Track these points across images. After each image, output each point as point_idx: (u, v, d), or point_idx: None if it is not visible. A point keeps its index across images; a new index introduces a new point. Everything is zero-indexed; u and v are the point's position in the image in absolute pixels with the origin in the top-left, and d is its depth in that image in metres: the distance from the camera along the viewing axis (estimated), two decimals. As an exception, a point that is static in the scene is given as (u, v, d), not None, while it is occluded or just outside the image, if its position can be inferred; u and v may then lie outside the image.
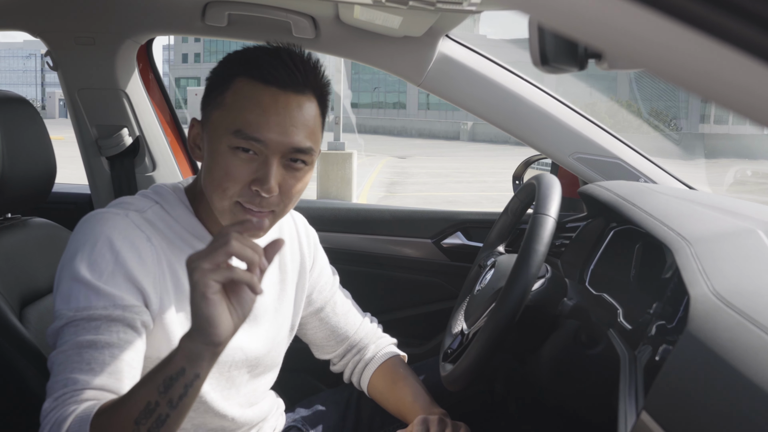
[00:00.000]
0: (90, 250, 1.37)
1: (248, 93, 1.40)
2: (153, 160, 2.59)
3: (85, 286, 1.33)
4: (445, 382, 1.67)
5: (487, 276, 1.77)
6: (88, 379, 1.27)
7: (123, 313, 1.34)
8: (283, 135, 1.38)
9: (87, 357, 1.29)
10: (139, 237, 1.42)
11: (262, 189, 1.38)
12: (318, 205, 2.65)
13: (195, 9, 2.21)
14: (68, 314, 1.32)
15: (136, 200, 1.52)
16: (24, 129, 1.82)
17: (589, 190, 1.95)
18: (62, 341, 1.32)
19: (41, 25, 2.37)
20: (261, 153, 1.39)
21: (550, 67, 1.16)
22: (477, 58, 2.20)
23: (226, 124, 1.40)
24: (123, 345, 1.32)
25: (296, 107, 1.40)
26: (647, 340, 1.36)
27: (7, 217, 1.93)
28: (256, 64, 1.41)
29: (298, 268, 1.80)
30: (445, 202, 14.22)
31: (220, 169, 1.40)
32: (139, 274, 1.38)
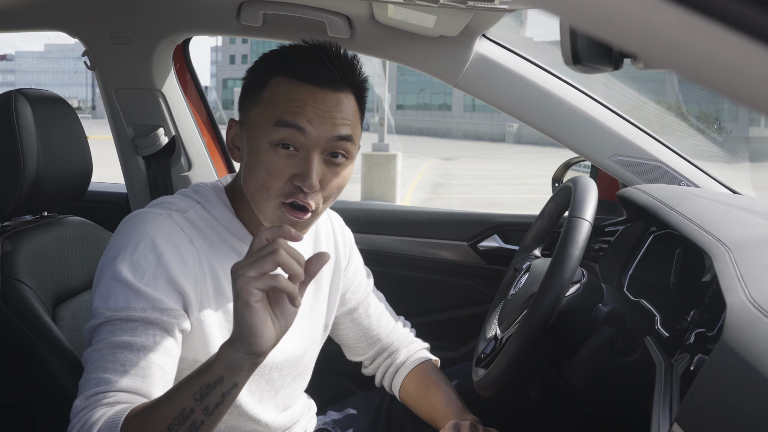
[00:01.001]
0: (132, 250, 1.37)
1: (286, 90, 1.39)
2: (189, 160, 2.59)
3: (126, 286, 1.33)
4: (477, 387, 1.65)
5: (522, 280, 1.75)
6: (120, 381, 1.27)
7: (161, 317, 1.33)
8: (323, 126, 1.38)
9: (121, 358, 1.29)
10: (181, 238, 1.41)
11: (304, 185, 1.37)
12: (354, 206, 2.63)
13: (230, 9, 2.21)
14: (106, 313, 1.32)
15: (177, 200, 1.51)
16: (60, 128, 1.84)
17: (627, 193, 1.91)
18: (98, 339, 1.32)
19: (79, 26, 2.39)
20: (302, 148, 1.38)
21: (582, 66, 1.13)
22: (515, 59, 2.17)
23: (265, 119, 1.39)
24: (158, 349, 1.32)
25: (335, 103, 1.40)
26: (685, 349, 1.33)
27: (43, 215, 1.95)
28: (293, 63, 1.41)
29: (332, 267, 1.79)
30: (489, 204, 14.16)
31: (261, 167, 1.39)
32: (180, 276, 1.38)
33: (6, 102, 1.72)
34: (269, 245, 1.15)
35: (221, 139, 2.70)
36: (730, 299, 1.08)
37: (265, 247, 1.15)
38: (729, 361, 0.95)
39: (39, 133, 1.74)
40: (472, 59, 2.15)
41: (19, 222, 1.84)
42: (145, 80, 2.44)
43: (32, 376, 1.61)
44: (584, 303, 1.55)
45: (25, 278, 1.65)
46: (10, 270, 1.64)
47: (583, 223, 1.50)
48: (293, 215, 1.41)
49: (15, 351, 1.60)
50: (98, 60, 2.44)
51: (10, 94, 1.74)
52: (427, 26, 1.96)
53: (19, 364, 1.62)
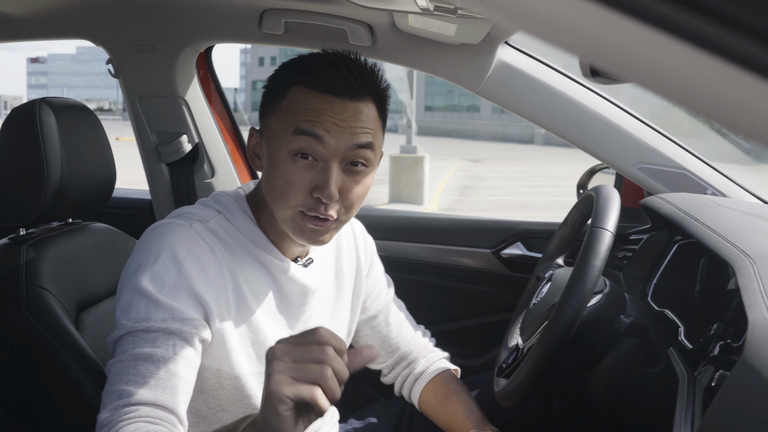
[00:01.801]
0: (153, 261, 1.37)
1: (304, 99, 1.39)
2: (212, 167, 2.60)
3: (146, 297, 1.33)
4: (498, 397, 1.64)
5: (544, 289, 1.74)
6: (143, 393, 1.27)
7: (181, 327, 1.33)
8: (341, 135, 1.37)
9: (142, 370, 1.29)
10: (203, 249, 1.41)
11: (323, 195, 1.37)
12: (376, 213, 2.63)
13: (252, 17, 2.21)
14: (127, 325, 1.32)
15: (198, 210, 1.51)
16: (83, 135, 1.85)
17: (650, 202, 1.89)
18: (120, 351, 1.32)
19: (102, 34, 2.41)
20: (320, 158, 1.38)
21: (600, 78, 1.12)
22: (537, 66, 2.16)
23: (283, 128, 1.39)
24: (178, 360, 1.32)
25: (354, 112, 1.39)
26: (708, 361, 1.31)
27: (68, 222, 1.96)
28: (312, 73, 1.40)
29: (354, 274, 1.78)
30: (517, 206, 14.11)
31: (280, 177, 1.39)
32: (201, 287, 1.38)
33: (30, 111, 1.74)
34: (319, 350, 1.05)
35: (244, 146, 2.71)
36: (752, 315, 1.06)
37: (315, 350, 1.06)
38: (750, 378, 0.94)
39: (63, 141, 1.75)
40: (494, 66, 2.14)
41: (43, 229, 1.86)
42: (169, 88, 2.46)
43: (55, 383, 1.63)
44: (607, 314, 1.54)
45: (49, 285, 1.66)
46: (34, 277, 1.66)
47: (604, 234, 1.49)
48: (313, 223, 1.40)
49: (38, 358, 1.62)
50: (122, 68, 2.45)
51: (35, 103, 1.76)
52: (448, 34, 1.95)
53: (41, 371, 1.63)
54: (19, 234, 1.78)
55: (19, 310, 1.62)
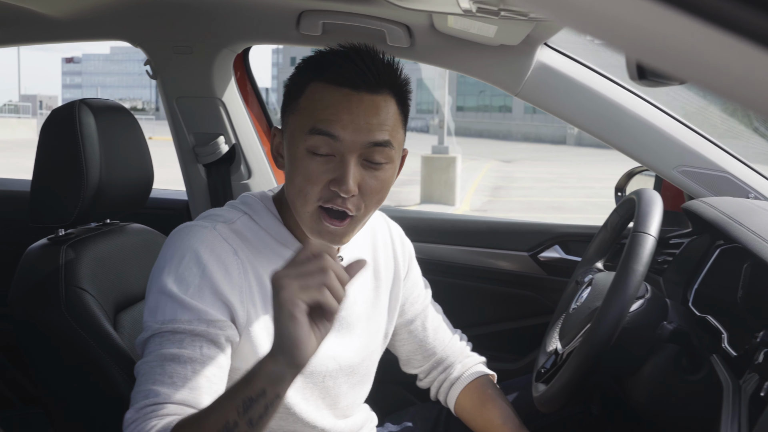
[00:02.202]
0: (177, 263, 1.38)
1: (321, 95, 1.39)
2: (249, 168, 2.61)
3: (172, 299, 1.35)
4: (537, 403, 1.63)
5: (584, 294, 1.71)
6: (170, 393, 1.28)
7: (207, 329, 1.34)
8: (358, 132, 1.37)
9: (169, 370, 1.30)
10: (225, 250, 1.42)
11: (341, 189, 1.37)
12: (413, 215, 2.62)
13: (290, 18, 2.21)
14: (154, 326, 1.34)
15: (224, 212, 1.53)
16: (122, 136, 1.86)
17: (693, 206, 1.86)
18: (147, 352, 1.34)
19: (141, 36, 2.42)
20: (337, 153, 1.38)
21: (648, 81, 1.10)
22: (577, 67, 2.13)
23: (301, 126, 1.40)
24: (205, 360, 1.33)
25: (371, 107, 1.39)
26: (754, 369, 1.29)
27: (106, 222, 1.97)
28: (328, 68, 1.40)
29: (392, 276, 1.78)
30: (549, 207, 14.03)
31: (299, 174, 1.40)
32: (225, 288, 1.39)
33: (69, 112, 1.75)
34: (317, 261, 1.15)
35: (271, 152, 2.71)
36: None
37: (313, 262, 1.14)
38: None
39: (102, 142, 1.76)
40: (533, 68, 2.13)
41: (82, 230, 1.87)
42: (206, 89, 2.46)
43: (93, 383, 1.63)
44: (648, 319, 1.52)
45: (87, 286, 1.67)
46: (73, 278, 1.67)
47: (647, 239, 1.47)
48: (330, 222, 1.41)
49: (77, 358, 1.62)
50: (160, 69, 2.46)
51: (74, 104, 1.77)
52: (487, 35, 1.94)
53: (80, 372, 1.64)
54: (57, 234, 1.79)
55: (59, 310, 1.62)
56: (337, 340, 1.60)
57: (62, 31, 2.39)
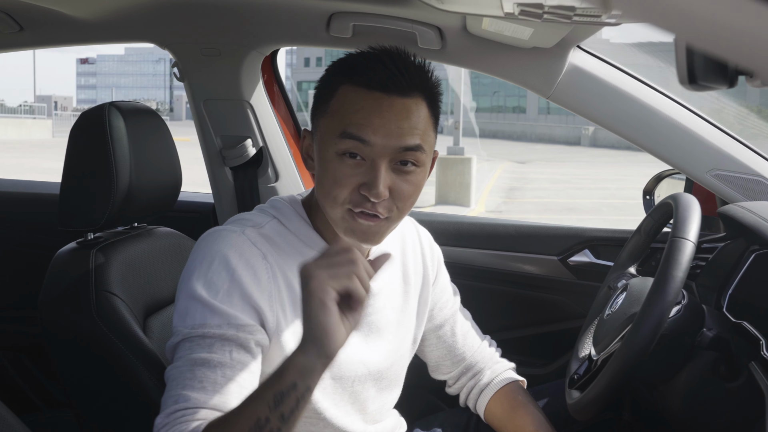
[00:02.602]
0: (207, 268, 1.38)
1: (352, 98, 1.39)
2: (276, 171, 2.60)
3: (201, 304, 1.35)
4: (572, 410, 1.61)
5: (619, 299, 1.70)
6: (200, 398, 1.28)
7: (236, 333, 1.34)
8: (389, 137, 1.36)
9: (199, 375, 1.30)
10: (254, 255, 1.42)
11: (371, 194, 1.37)
12: (441, 218, 2.61)
13: (320, 20, 2.20)
14: (184, 331, 1.34)
15: (253, 216, 1.53)
16: (151, 139, 1.86)
17: (730, 211, 1.84)
18: (177, 357, 1.34)
19: (169, 38, 2.42)
20: (368, 157, 1.38)
21: (697, 86, 1.08)
22: (609, 69, 2.12)
23: (332, 129, 1.39)
24: (235, 365, 1.33)
25: (402, 110, 1.38)
26: (795, 377, 1.27)
27: (134, 226, 1.96)
28: (359, 70, 1.40)
29: (421, 281, 1.77)
30: (564, 209, 13.99)
31: (329, 177, 1.39)
32: (254, 292, 1.39)
33: (99, 115, 1.75)
34: (346, 253, 1.17)
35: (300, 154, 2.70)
36: None
37: (342, 253, 1.17)
38: None
39: (131, 145, 1.76)
40: (565, 71, 2.11)
41: (110, 233, 1.86)
42: (234, 91, 2.46)
43: (123, 387, 1.63)
44: (685, 326, 1.50)
45: (117, 290, 1.67)
46: (103, 282, 1.66)
47: (687, 244, 1.46)
48: (363, 219, 1.40)
49: (107, 362, 1.62)
50: (188, 71, 2.46)
51: (104, 107, 1.76)
52: (522, 38, 1.92)
53: (110, 376, 1.64)
54: (87, 238, 1.78)
55: (89, 315, 1.62)
56: (366, 345, 1.60)
57: (90, 33, 2.39)
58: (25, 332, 2.81)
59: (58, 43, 2.48)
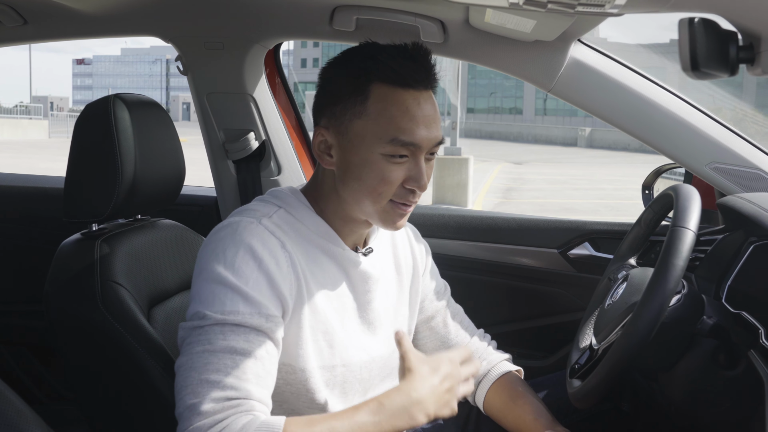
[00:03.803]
0: (233, 257, 1.39)
1: (392, 100, 1.44)
2: (278, 165, 2.61)
3: (232, 290, 1.36)
4: (573, 399, 1.62)
5: (619, 290, 1.71)
6: (252, 389, 1.31)
7: (267, 324, 1.36)
8: (429, 132, 1.45)
9: (242, 365, 1.32)
10: (275, 244, 1.44)
11: (419, 186, 1.46)
12: (441, 212, 2.61)
13: (323, 13, 2.21)
14: (215, 316, 1.34)
15: (259, 206, 1.53)
16: (155, 131, 1.86)
17: (730, 202, 1.86)
18: (206, 340, 1.33)
19: (172, 31, 2.43)
20: (412, 154, 1.45)
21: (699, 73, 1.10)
22: (609, 63, 2.13)
23: (376, 133, 1.44)
24: (272, 359, 1.37)
25: (430, 103, 1.46)
26: (795, 364, 1.28)
27: (137, 218, 1.97)
28: (391, 68, 1.44)
29: (411, 272, 1.79)
30: (561, 209, 14.00)
31: (375, 176, 1.44)
32: (280, 282, 1.41)
33: (104, 107, 1.75)
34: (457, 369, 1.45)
35: (310, 143, 2.70)
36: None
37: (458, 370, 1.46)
38: None
39: (136, 137, 1.76)
40: (566, 64, 2.12)
41: (114, 225, 1.87)
42: (237, 85, 2.47)
43: (128, 378, 1.64)
44: (685, 315, 1.51)
45: (122, 280, 1.68)
46: (108, 272, 1.67)
47: (687, 233, 1.47)
48: (400, 209, 1.48)
49: (112, 352, 1.63)
50: (191, 65, 2.47)
51: (109, 99, 1.77)
52: (524, 31, 1.93)
53: (116, 366, 1.64)
54: (91, 229, 1.79)
55: (95, 305, 1.63)
56: (365, 336, 1.62)
57: (93, 27, 2.40)
58: (31, 327, 2.81)
59: (61, 36, 2.49)
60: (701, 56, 1.07)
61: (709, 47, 1.07)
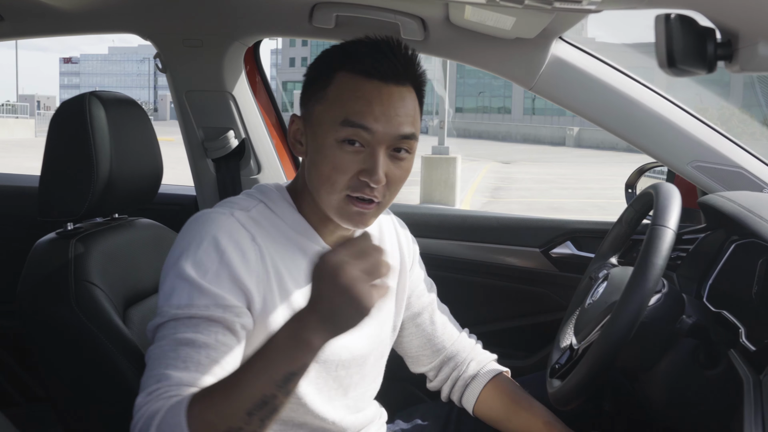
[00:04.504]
0: (196, 249, 1.39)
1: (351, 86, 1.42)
2: (258, 163, 2.60)
3: (189, 284, 1.35)
4: (553, 399, 1.61)
5: (600, 289, 1.70)
6: (182, 376, 1.28)
7: (223, 314, 1.34)
8: (388, 125, 1.41)
9: (183, 354, 1.30)
10: (243, 236, 1.43)
11: (371, 180, 1.40)
12: (423, 211, 2.61)
13: (303, 11, 2.20)
14: (170, 311, 1.34)
15: (241, 199, 1.54)
16: (132, 129, 1.85)
17: (711, 200, 1.85)
18: (161, 336, 1.34)
19: (151, 28, 2.41)
20: (368, 144, 1.41)
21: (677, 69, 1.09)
22: (591, 61, 2.12)
23: (331, 117, 1.42)
24: (219, 347, 1.33)
25: (398, 98, 1.43)
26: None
27: (114, 217, 1.95)
28: (357, 58, 1.43)
29: (398, 268, 1.78)
30: (549, 208, 14.03)
31: (327, 163, 1.42)
32: (243, 274, 1.39)
33: (80, 104, 1.74)
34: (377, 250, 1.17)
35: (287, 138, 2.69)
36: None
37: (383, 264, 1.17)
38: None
39: (112, 135, 1.74)
40: (548, 62, 2.11)
41: (90, 224, 1.85)
42: (216, 82, 2.45)
43: (103, 378, 1.62)
44: (665, 314, 1.51)
45: (97, 280, 1.66)
46: (83, 272, 1.65)
47: (666, 232, 1.46)
48: (359, 206, 1.44)
49: (86, 353, 1.62)
50: (170, 62, 2.45)
51: (84, 97, 1.75)
52: (504, 28, 1.93)
53: (90, 367, 1.63)
54: (66, 228, 1.77)
55: (69, 305, 1.61)
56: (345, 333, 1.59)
57: (71, 24, 2.38)
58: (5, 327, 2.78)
59: (39, 33, 2.47)
60: (678, 53, 1.06)
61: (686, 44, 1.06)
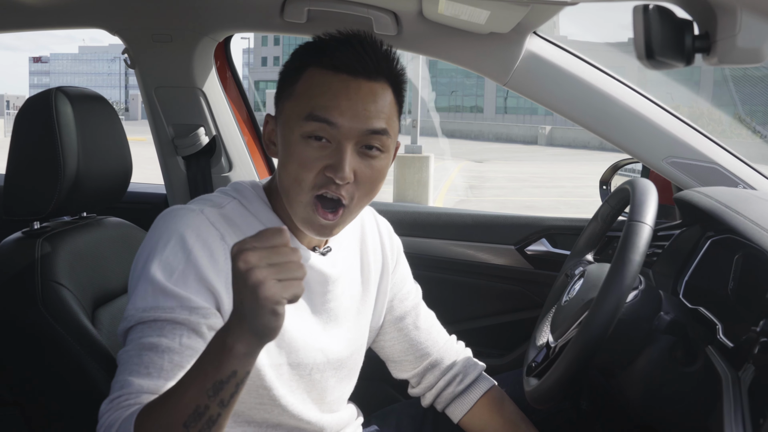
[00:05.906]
0: (162, 248, 1.36)
1: (319, 81, 1.39)
2: (229, 160, 2.57)
3: (154, 285, 1.33)
4: (530, 398, 1.60)
5: (576, 286, 1.69)
6: (144, 384, 1.26)
7: (188, 317, 1.32)
8: (355, 119, 1.37)
9: (146, 360, 1.28)
10: (212, 235, 1.40)
11: (336, 176, 1.36)
12: (397, 208, 2.59)
13: (274, 5, 2.17)
14: (136, 315, 1.32)
15: (214, 197, 1.51)
16: (100, 127, 1.82)
17: (687, 196, 1.85)
18: (128, 340, 1.32)
19: (119, 23, 2.38)
20: (333, 139, 1.38)
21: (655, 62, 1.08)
22: (566, 56, 2.12)
23: (297, 112, 1.39)
24: (183, 351, 1.30)
25: (368, 93, 1.39)
26: (752, 360, 1.26)
27: (82, 216, 1.92)
28: (326, 52, 1.40)
29: (380, 270, 1.75)
30: (522, 207, 14.10)
31: (293, 160, 1.39)
32: (210, 274, 1.36)
33: (46, 100, 1.71)
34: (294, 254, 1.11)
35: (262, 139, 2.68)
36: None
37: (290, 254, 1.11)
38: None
39: (79, 132, 1.72)
40: (522, 57, 2.10)
41: (57, 223, 1.82)
42: (186, 79, 2.42)
43: (71, 381, 1.59)
44: (642, 311, 1.50)
45: (65, 281, 1.63)
46: (49, 272, 1.63)
47: (644, 228, 1.45)
48: (323, 216, 1.40)
49: (54, 355, 1.59)
50: (138, 58, 2.42)
51: (50, 92, 1.72)
52: (478, 22, 1.91)
53: (57, 369, 1.60)
54: (32, 227, 1.74)
55: (35, 306, 1.58)
56: (325, 333, 1.58)
57: (38, 19, 2.35)
58: None
59: (5, 28, 2.43)
60: (656, 45, 1.05)
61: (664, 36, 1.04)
